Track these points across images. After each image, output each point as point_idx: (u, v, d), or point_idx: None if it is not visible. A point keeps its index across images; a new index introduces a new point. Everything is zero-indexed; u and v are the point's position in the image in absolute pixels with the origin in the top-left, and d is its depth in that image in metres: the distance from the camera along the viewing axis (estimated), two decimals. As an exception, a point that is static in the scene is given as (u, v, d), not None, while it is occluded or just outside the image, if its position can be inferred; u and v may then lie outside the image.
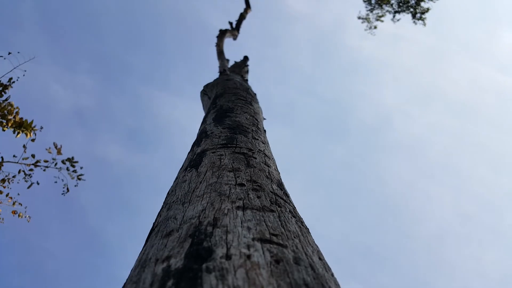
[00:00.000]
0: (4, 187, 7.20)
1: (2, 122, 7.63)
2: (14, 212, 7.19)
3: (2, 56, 8.02)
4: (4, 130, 7.58)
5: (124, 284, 1.00)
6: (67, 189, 8.29)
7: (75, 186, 8.37)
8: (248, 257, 0.88)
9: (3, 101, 7.69)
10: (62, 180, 8.26)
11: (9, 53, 8.05)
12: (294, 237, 1.10)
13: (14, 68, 8.19)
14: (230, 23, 8.88)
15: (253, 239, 0.99)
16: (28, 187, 7.97)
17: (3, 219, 7.14)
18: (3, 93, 7.76)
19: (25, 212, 7.38)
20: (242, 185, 1.43)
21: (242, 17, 9.39)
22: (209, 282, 0.76)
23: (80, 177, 8.25)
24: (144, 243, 1.35)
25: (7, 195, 7.17)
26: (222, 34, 8.25)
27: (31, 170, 7.83)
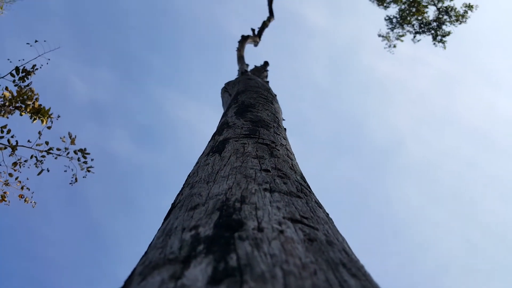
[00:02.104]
0: (15, 170, 7.26)
1: (21, 107, 7.74)
2: (21, 196, 7.23)
3: (29, 43, 8.19)
4: (21, 115, 7.68)
5: (146, 252, 0.96)
6: (76, 179, 8.32)
7: (84, 177, 8.40)
8: (281, 232, 0.84)
9: (25, 86, 7.82)
10: (72, 170, 8.29)
11: (36, 41, 8.22)
12: (324, 223, 1.06)
13: (39, 56, 8.34)
14: (253, 30, 8.94)
15: (283, 218, 0.94)
16: (38, 174, 8.01)
17: (9, 201, 7.18)
18: (25, 78, 7.89)
19: (32, 197, 7.43)
20: (267, 170, 1.39)
21: (264, 25, 9.46)
22: (244, 248, 0.71)
23: (89, 169, 8.27)
24: (162, 222, 1.31)
25: (16, 179, 7.23)
26: (244, 39, 8.30)
27: (43, 156, 7.89)
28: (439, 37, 10.73)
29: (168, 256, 0.75)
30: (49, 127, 7.75)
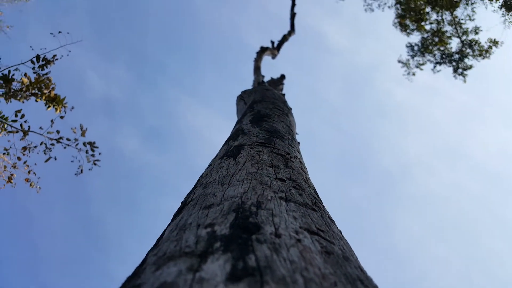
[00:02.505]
0: (24, 154, 7.33)
1: (37, 93, 7.87)
2: (27, 180, 7.28)
3: (52, 33, 8.38)
4: (37, 101, 7.80)
5: (156, 245, 0.94)
6: (81, 170, 8.37)
7: (89, 170, 8.45)
8: (299, 240, 0.82)
9: (43, 74, 7.96)
10: (79, 161, 8.36)
11: (59, 32, 8.41)
12: (339, 239, 1.03)
13: (60, 46, 8.52)
14: (272, 42, 9.02)
15: (300, 227, 0.92)
16: (46, 161, 8.08)
17: (15, 184, 7.23)
18: (45, 67, 8.04)
19: (37, 182, 7.47)
20: (282, 180, 1.38)
21: (284, 38, 9.55)
22: (263, 251, 0.70)
23: (96, 162, 8.33)
24: (171, 219, 1.30)
25: (24, 162, 7.30)
26: (262, 51, 8.38)
27: (52, 144, 7.97)
28: (460, 70, 10.59)
29: (184, 249, 0.73)
30: (62, 117, 7.84)
